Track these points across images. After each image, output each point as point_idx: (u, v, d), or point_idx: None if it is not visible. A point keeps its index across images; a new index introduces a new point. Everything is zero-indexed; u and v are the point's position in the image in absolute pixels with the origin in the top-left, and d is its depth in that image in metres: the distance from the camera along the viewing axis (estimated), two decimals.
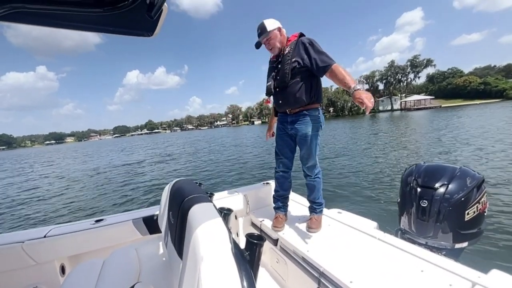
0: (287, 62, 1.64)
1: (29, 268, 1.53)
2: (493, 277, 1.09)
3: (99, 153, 27.84)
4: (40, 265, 1.56)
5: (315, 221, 1.77)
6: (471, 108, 38.42)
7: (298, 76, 1.63)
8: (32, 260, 1.52)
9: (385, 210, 4.02)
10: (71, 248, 1.65)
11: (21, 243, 1.49)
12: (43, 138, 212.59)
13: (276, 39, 1.69)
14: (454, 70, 71.60)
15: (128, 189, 8.02)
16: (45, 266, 1.58)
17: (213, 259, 0.69)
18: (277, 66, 1.73)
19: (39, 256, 1.55)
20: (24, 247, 1.50)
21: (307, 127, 1.68)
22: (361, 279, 1.18)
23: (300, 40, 1.66)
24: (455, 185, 1.50)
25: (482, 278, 1.08)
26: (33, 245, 1.51)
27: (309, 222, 1.78)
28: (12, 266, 1.50)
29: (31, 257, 1.52)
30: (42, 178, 12.65)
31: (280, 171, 1.92)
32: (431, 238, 1.56)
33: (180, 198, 1.11)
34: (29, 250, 1.51)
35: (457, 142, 9.64)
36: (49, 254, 1.58)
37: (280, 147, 1.88)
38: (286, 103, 1.73)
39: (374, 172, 6.54)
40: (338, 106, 67.83)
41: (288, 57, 1.65)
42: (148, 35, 0.70)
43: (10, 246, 1.48)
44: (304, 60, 1.60)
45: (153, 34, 0.70)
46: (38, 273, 1.57)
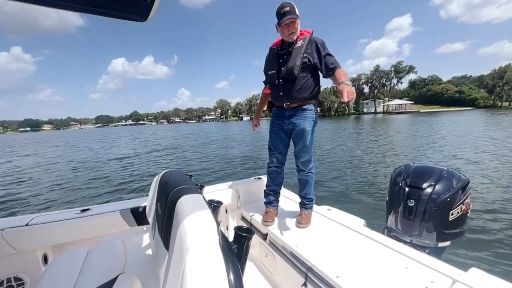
0: (299, 55, 1.61)
1: (10, 256, 1.50)
2: (472, 275, 1.14)
3: (82, 143, 26.41)
4: (21, 254, 1.52)
5: (305, 217, 1.78)
6: (445, 114, 41.07)
7: (305, 71, 1.64)
8: (12, 248, 1.48)
9: (373, 209, 4.17)
10: (54, 237, 1.61)
11: (1, 231, 1.45)
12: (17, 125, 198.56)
13: (298, 26, 1.63)
14: (434, 78, 75.89)
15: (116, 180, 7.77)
16: (27, 255, 1.54)
17: (199, 251, 0.68)
18: (284, 57, 1.67)
19: (20, 244, 1.50)
20: (4, 235, 1.45)
21: (305, 122, 1.68)
22: (347, 274, 1.20)
23: (313, 38, 1.65)
24: (442, 186, 1.55)
25: (462, 275, 1.13)
26: (13, 233, 1.47)
27: (299, 218, 1.79)
28: None
29: (11, 245, 1.47)
30: (22, 167, 11.85)
31: (273, 166, 1.90)
32: (416, 237, 1.60)
33: (168, 188, 1.08)
34: (9, 238, 1.46)
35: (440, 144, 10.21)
36: (31, 243, 1.54)
37: (275, 142, 1.85)
38: (287, 96, 1.68)
39: (363, 171, 6.76)
40: (325, 106, 69.26)
41: (300, 51, 1.62)
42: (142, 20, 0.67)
43: None
44: (314, 59, 1.63)
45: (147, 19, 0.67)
46: (19, 262, 1.53)
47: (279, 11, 1.56)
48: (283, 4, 1.55)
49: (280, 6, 1.56)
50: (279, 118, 1.79)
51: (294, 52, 1.62)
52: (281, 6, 1.55)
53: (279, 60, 1.69)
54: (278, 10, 1.57)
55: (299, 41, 1.63)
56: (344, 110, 68.79)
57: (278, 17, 1.58)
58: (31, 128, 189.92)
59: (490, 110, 46.92)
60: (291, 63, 1.62)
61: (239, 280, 0.63)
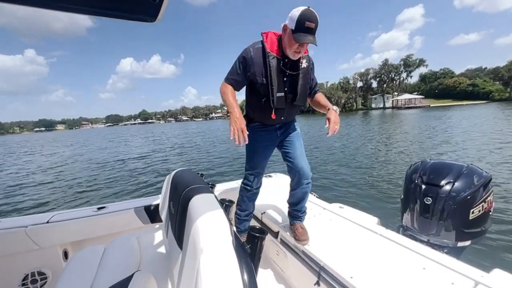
0: (306, 80, 1.47)
1: (33, 252, 1.58)
2: (495, 276, 1.09)
3: (98, 143, 27.10)
4: (43, 250, 1.60)
5: (304, 231, 1.58)
6: (458, 108, 39.61)
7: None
8: (35, 244, 1.56)
9: (387, 207, 4.04)
10: (73, 234, 1.69)
11: (24, 228, 1.53)
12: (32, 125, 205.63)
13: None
14: (446, 71, 73.17)
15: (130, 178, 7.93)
16: (48, 250, 1.62)
17: (213, 252, 0.68)
18: (288, 75, 1.41)
19: (42, 241, 1.58)
20: (28, 232, 1.53)
21: (297, 127, 1.67)
22: (362, 274, 1.17)
23: (311, 59, 1.50)
24: (462, 183, 1.48)
25: (485, 277, 1.08)
26: (36, 230, 1.55)
27: (298, 234, 1.55)
28: (16, 250, 1.55)
29: (34, 241, 1.56)
30: (41, 166, 12.30)
31: (254, 189, 1.66)
32: (433, 236, 1.55)
33: (181, 188, 1.10)
34: (33, 235, 1.54)
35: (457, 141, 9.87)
36: (52, 239, 1.62)
37: (262, 159, 1.61)
38: (287, 118, 1.54)
39: (376, 168, 6.61)
40: (332, 102, 67.93)
41: (307, 75, 1.47)
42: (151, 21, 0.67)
43: (14, 231, 1.52)
44: (312, 82, 1.56)
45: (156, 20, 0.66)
46: (42, 257, 1.61)
47: (303, 22, 1.18)
48: (312, 16, 1.19)
49: (309, 16, 1.19)
50: (269, 132, 1.55)
51: (303, 74, 1.43)
52: (309, 17, 1.19)
53: (283, 78, 1.40)
54: (302, 20, 1.18)
55: (303, 60, 1.42)
56: (352, 106, 67.55)
57: (298, 27, 1.20)
58: (46, 128, 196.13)
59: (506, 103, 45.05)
60: (302, 86, 1.44)
61: (253, 280, 0.63)
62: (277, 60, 1.36)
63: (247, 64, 1.37)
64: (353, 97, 68.24)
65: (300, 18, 1.18)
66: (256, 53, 1.36)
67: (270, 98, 1.38)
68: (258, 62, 1.36)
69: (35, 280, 1.58)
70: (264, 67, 1.36)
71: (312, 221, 1.77)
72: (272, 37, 1.38)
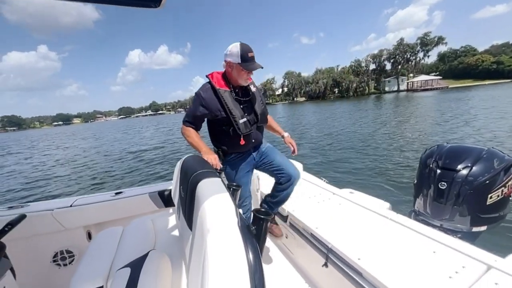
0: (260, 99, 1.62)
1: (60, 232, 1.73)
2: (511, 261, 1.05)
3: (114, 134, 28.03)
4: (69, 231, 1.75)
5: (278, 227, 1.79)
6: (480, 88, 37.15)
7: None
8: (61, 226, 1.71)
9: (400, 192, 3.96)
10: (95, 217, 1.82)
11: (51, 211, 1.67)
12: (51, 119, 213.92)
13: None
14: (468, 48, 67.76)
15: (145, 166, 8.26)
16: (74, 231, 1.78)
17: (218, 232, 0.71)
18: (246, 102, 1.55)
19: (67, 222, 1.73)
20: (54, 214, 1.68)
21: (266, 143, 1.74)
22: (369, 256, 1.17)
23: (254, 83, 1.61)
24: (480, 167, 1.42)
25: (499, 261, 1.05)
26: (61, 213, 1.70)
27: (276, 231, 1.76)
28: (45, 230, 1.70)
29: (60, 223, 1.70)
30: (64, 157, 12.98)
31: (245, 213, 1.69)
32: (447, 221, 1.52)
33: (189, 173, 1.14)
34: (59, 217, 1.69)
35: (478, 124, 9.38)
36: (76, 221, 1.76)
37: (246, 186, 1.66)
38: (257, 140, 1.62)
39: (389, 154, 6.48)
40: (343, 86, 66.00)
41: (259, 95, 1.63)
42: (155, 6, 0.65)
43: (42, 213, 1.66)
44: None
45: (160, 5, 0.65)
46: (68, 237, 1.77)
47: (246, 53, 1.37)
48: (249, 48, 1.39)
49: (247, 48, 1.38)
50: (244, 158, 1.62)
51: (254, 96, 1.58)
52: (248, 49, 1.38)
53: (240, 106, 1.52)
54: (245, 52, 1.37)
55: (251, 86, 1.57)
56: (364, 90, 65.09)
57: (244, 59, 1.37)
58: (63, 122, 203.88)
59: None
60: (259, 108, 1.58)
61: (258, 259, 0.64)
62: (228, 93, 1.49)
63: (202, 106, 1.48)
64: (365, 80, 65.45)
65: (242, 52, 1.37)
66: (207, 93, 1.48)
67: (235, 127, 1.49)
68: (212, 100, 1.47)
69: (64, 258, 1.76)
70: (219, 102, 1.47)
71: (321, 205, 1.78)
72: (217, 76, 1.52)
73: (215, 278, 0.57)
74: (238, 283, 0.56)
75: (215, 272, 0.58)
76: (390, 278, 1.03)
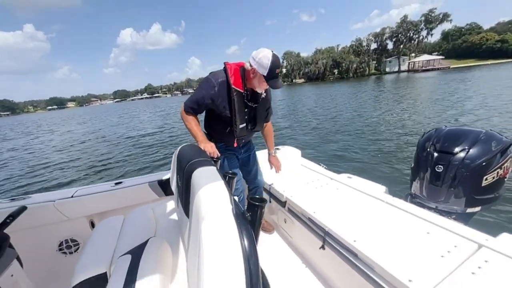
0: (265, 109, 1.66)
1: (64, 222, 1.78)
2: (502, 240, 1.09)
3: (111, 119, 27.65)
4: (72, 221, 1.80)
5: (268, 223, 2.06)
6: (482, 68, 36.42)
7: None
8: (64, 216, 1.75)
9: (398, 176, 4.02)
10: (96, 207, 1.87)
11: (52, 202, 1.71)
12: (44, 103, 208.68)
13: None
14: (473, 26, 65.30)
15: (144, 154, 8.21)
16: (77, 221, 1.83)
17: (213, 219, 0.72)
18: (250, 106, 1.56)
19: (70, 213, 1.77)
20: (56, 205, 1.71)
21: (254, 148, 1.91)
22: (365, 238, 1.21)
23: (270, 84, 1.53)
24: (477, 149, 1.42)
25: (490, 240, 1.08)
26: (63, 204, 1.74)
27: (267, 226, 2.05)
28: (49, 221, 1.74)
29: (63, 213, 1.74)
30: (60, 144, 12.89)
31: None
32: (442, 203, 1.55)
33: (184, 162, 1.15)
34: (61, 208, 1.73)
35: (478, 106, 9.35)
36: (78, 211, 1.81)
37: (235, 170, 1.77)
38: (246, 140, 1.77)
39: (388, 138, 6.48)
40: (343, 67, 64.36)
41: (266, 104, 1.64)
42: None
43: (44, 205, 1.70)
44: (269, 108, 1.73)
45: None
46: (72, 227, 1.83)
47: (274, 69, 1.35)
48: (278, 63, 1.37)
49: (277, 64, 1.36)
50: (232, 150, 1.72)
51: (262, 104, 1.60)
52: (277, 65, 1.36)
53: (245, 109, 1.54)
54: (274, 67, 1.35)
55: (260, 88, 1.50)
56: (364, 71, 63.59)
57: (270, 75, 1.36)
58: (57, 106, 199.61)
59: None
60: (259, 117, 1.64)
61: (252, 245, 0.65)
62: (240, 95, 1.48)
63: (211, 99, 1.47)
64: (366, 61, 63.73)
65: (272, 67, 1.34)
66: (221, 87, 1.46)
67: (233, 129, 1.54)
68: (222, 97, 1.47)
69: (69, 246, 1.83)
70: (229, 102, 1.48)
71: (319, 190, 1.81)
72: (236, 70, 1.47)
73: (210, 263, 0.58)
74: (232, 268, 0.57)
75: (210, 258, 0.60)
76: (384, 258, 1.07)
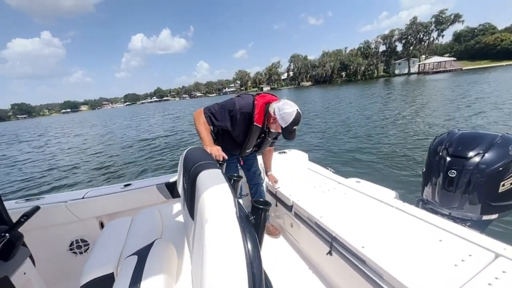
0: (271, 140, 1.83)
1: (74, 223, 1.83)
2: None
3: (123, 122, 28.37)
4: (83, 221, 1.85)
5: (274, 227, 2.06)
6: (496, 70, 35.14)
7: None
8: (75, 216, 1.81)
9: (409, 181, 3.91)
10: (106, 208, 1.92)
11: (64, 203, 1.76)
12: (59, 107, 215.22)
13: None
14: (486, 26, 63.18)
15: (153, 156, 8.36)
16: (87, 222, 1.88)
17: (216, 221, 0.72)
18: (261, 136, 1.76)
19: (81, 213, 1.83)
20: (68, 206, 1.77)
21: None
22: (374, 245, 1.18)
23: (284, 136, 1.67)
24: (493, 154, 1.36)
25: (508, 250, 1.03)
26: (74, 205, 1.79)
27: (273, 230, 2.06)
28: (61, 221, 1.80)
29: (74, 214, 1.80)
30: (74, 147, 13.30)
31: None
32: (456, 209, 1.49)
33: (190, 164, 1.16)
34: (72, 209, 1.79)
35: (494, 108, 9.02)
36: (89, 212, 1.86)
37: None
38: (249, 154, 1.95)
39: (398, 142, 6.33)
40: (351, 70, 63.71)
41: (273, 136, 1.80)
42: None
43: (56, 205, 1.75)
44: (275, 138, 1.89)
45: None
46: (82, 228, 1.87)
47: (292, 125, 1.51)
48: (299, 120, 1.53)
49: (297, 121, 1.51)
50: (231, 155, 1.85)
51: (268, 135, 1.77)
52: (297, 122, 1.52)
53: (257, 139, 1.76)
54: (293, 123, 1.51)
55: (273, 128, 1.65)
56: (372, 73, 62.68)
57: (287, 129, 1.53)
58: (71, 110, 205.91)
59: None
60: (266, 146, 1.88)
61: (256, 248, 0.65)
62: (258, 130, 1.66)
63: (231, 122, 1.61)
64: (374, 63, 62.89)
65: (292, 122, 1.49)
66: (243, 119, 1.61)
67: (241, 150, 1.78)
68: (241, 126, 1.64)
69: (79, 246, 1.87)
70: (244, 131, 1.67)
71: (326, 195, 1.78)
72: (261, 108, 1.61)
73: (213, 266, 0.58)
74: (235, 271, 0.56)
75: (213, 260, 0.59)
76: (393, 265, 1.03)
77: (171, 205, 1.84)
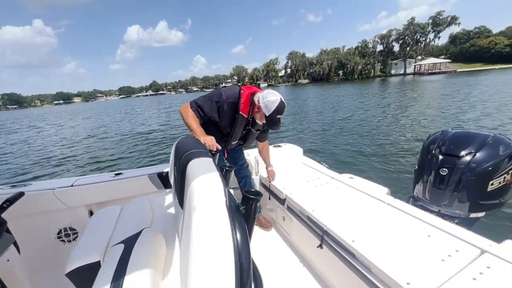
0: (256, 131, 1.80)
1: (63, 211, 1.79)
2: (506, 246, 1.07)
3: (117, 115, 27.86)
4: (71, 209, 1.82)
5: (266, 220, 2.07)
6: (489, 73, 35.76)
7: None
8: (63, 204, 1.77)
9: (401, 178, 3.96)
10: (95, 196, 1.88)
11: (52, 190, 1.72)
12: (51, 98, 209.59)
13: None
14: (482, 30, 64.20)
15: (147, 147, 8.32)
16: (76, 210, 1.84)
17: (205, 210, 0.70)
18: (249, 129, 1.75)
19: (69, 201, 1.79)
20: (56, 193, 1.73)
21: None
22: (364, 239, 1.19)
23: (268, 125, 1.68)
24: (484, 153, 1.39)
25: (494, 246, 1.06)
26: (63, 192, 1.75)
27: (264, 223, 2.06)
28: (48, 208, 1.75)
29: (62, 202, 1.76)
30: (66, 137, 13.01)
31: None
32: (445, 207, 1.52)
33: (181, 153, 1.14)
34: (60, 196, 1.75)
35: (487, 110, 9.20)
36: (77, 200, 1.83)
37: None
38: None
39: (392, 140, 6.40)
40: (348, 69, 63.92)
41: (259, 129, 1.79)
42: None
43: (43, 192, 1.71)
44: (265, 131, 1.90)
45: None
46: (71, 216, 1.84)
47: (276, 115, 1.51)
48: (283, 110, 1.53)
49: (281, 110, 1.52)
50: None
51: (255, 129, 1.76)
52: (281, 111, 1.52)
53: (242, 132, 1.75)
54: (276, 113, 1.51)
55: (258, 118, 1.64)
56: (369, 73, 63.04)
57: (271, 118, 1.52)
58: (64, 101, 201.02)
59: None
60: (250, 138, 1.85)
61: (245, 238, 0.64)
62: (244, 120, 1.65)
63: (218, 114, 1.62)
64: (371, 62, 63.22)
65: (275, 111, 1.50)
66: (229, 109, 1.61)
67: (226, 143, 1.76)
68: (228, 116, 1.63)
69: (68, 234, 1.84)
70: (231, 121, 1.65)
71: (319, 189, 1.79)
72: (247, 97, 1.60)
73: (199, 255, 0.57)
74: (222, 261, 0.55)
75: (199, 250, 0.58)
76: (382, 259, 1.05)
77: (162, 195, 1.82)
